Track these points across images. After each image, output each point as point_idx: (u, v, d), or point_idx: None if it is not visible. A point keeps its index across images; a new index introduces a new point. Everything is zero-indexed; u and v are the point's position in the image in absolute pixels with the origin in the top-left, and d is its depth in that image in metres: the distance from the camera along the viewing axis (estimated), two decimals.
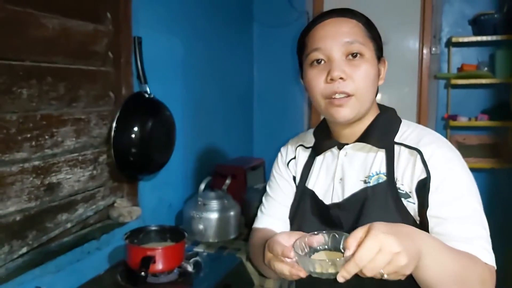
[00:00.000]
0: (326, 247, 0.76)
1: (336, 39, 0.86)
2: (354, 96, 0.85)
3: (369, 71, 0.87)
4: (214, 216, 1.63)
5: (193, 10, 1.95)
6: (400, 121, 0.95)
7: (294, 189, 1.04)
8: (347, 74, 0.85)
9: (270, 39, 2.71)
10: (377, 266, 0.61)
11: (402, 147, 0.89)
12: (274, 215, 1.06)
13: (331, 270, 0.66)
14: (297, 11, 2.62)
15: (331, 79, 0.85)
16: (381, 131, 0.92)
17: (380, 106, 0.98)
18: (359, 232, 0.65)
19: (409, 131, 0.91)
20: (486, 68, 2.33)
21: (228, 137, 2.38)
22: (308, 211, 0.98)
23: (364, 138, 0.92)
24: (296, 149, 1.07)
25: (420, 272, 0.68)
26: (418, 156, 0.85)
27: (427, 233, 0.72)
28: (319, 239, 0.75)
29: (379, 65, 0.92)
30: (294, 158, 1.06)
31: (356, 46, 0.85)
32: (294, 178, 1.05)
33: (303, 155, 1.05)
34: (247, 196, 1.81)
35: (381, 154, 0.90)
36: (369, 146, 0.92)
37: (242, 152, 2.56)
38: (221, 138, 2.27)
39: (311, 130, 1.08)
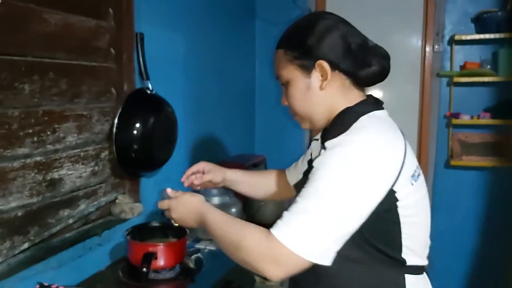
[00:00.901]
0: None
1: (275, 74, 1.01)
2: (297, 115, 0.99)
3: (295, 92, 0.95)
4: None
5: (195, 6, 1.95)
6: (358, 118, 0.89)
7: (305, 165, 1.15)
8: (286, 100, 1.00)
9: (272, 36, 2.68)
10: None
11: None
12: (291, 169, 1.27)
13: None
14: (300, 8, 2.61)
15: None
16: (333, 130, 0.90)
17: (366, 101, 0.95)
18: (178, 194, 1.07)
19: (353, 127, 0.87)
20: (488, 66, 2.33)
21: (230, 134, 2.38)
22: None
23: (322, 136, 1.01)
24: (321, 131, 1.13)
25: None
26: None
27: (209, 211, 1.01)
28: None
29: (311, 74, 0.91)
30: (317, 139, 1.13)
31: (281, 80, 0.98)
32: (311, 154, 1.13)
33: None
34: None
35: None
36: None
37: (243, 149, 2.56)
38: (222, 135, 2.26)
39: None
